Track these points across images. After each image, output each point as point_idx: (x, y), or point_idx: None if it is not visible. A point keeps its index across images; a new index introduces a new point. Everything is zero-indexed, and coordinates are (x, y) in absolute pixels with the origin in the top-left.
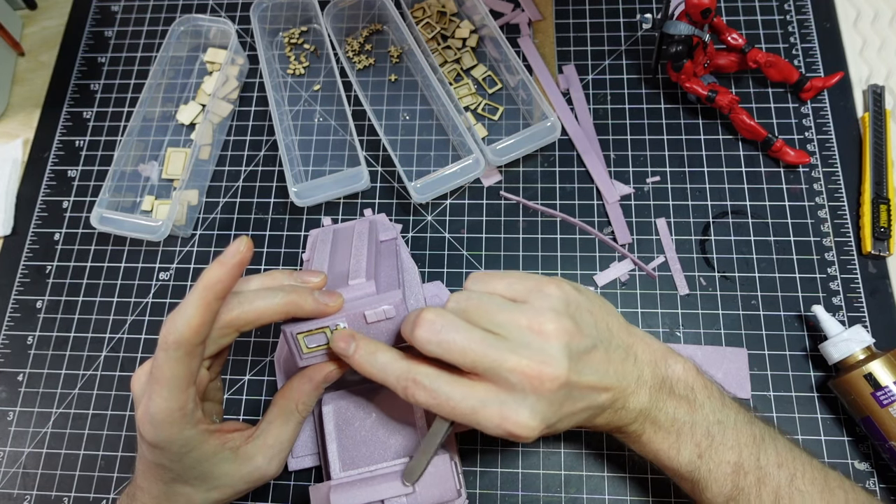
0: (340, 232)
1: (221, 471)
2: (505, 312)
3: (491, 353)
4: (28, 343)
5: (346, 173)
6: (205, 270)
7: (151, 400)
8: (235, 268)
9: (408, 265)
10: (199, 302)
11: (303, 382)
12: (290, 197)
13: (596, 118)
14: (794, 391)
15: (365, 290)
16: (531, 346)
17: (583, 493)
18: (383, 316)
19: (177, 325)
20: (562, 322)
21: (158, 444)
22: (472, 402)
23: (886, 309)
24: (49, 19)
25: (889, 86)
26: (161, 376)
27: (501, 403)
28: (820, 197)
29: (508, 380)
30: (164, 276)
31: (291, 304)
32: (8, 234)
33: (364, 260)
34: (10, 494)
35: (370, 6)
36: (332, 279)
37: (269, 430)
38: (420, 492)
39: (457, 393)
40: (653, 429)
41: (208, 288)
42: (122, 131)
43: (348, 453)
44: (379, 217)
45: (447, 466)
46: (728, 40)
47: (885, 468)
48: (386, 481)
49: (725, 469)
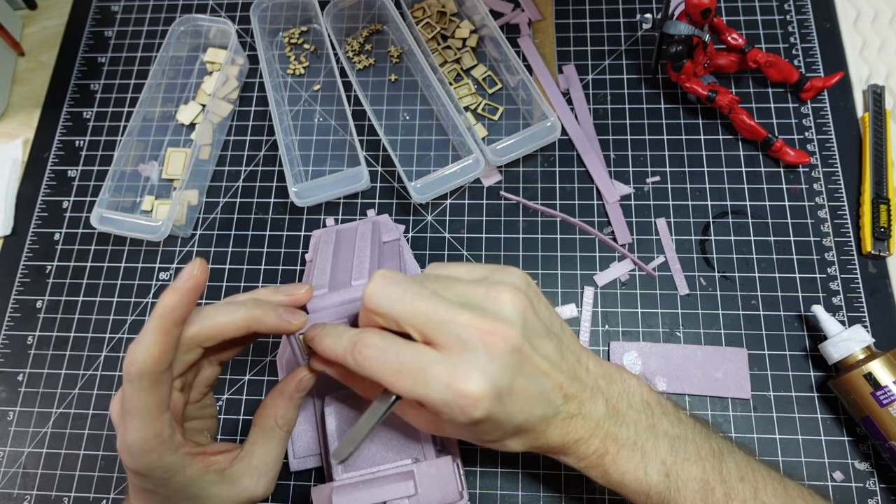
0: (343, 233)
1: (209, 493)
2: (461, 285)
3: (442, 308)
4: (28, 343)
5: (346, 173)
6: (160, 297)
7: (126, 431)
8: (190, 292)
9: (411, 266)
10: (156, 330)
11: (276, 397)
12: (290, 197)
13: (596, 118)
14: (794, 391)
15: None
16: (486, 308)
17: (583, 493)
18: None
19: (137, 356)
20: (519, 296)
21: (139, 472)
22: (422, 360)
23: (886, 309)
24: (49, 19)
25: (889, 86)
26: (131, 407)
27: (452, 365)
28: (820, 197)
29: (460, 336)
30: (164, 276)
31: (253, 319)
32: (8, 234)
33: (367, 261)
34: (10, 494)
35: (370, 6)
36: (335, 280)
37: (253, 450)
38: (422, 493)
39: (407, 351)
40: (616, 447)
41: (165, 315)
42: (122, 131)
43: (351, 455)
44: (382, 218)
45: (449, 468)
46: (728, 40)
47: (885, 468)
48: (388, 483)
49: (693, 486)
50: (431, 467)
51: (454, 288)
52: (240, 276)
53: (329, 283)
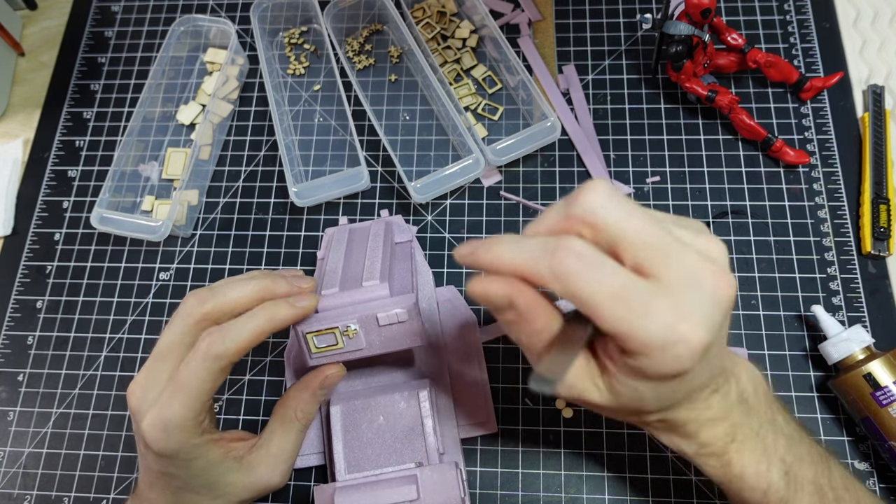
0: (356, 232)
1: (227, 480)
2: (676, 225)
3: (670, 239)
4: (28, 343)
5: (346, 173)
6: (274, 304)
7: (168, 405)
8: (300, 315)
9: (422, 268)
10: (255, 329)
11: (300, 390)
12: (291, 197)
13: (596, 118)
14: (794, 391)
15: (378, 293)
16: (710, 254)
17: (583, 493)
18: (395, 319)
19: (225, 341)
20: (725, 249)
21: (166, 453)
22: (641, 288)
23: (886, 309)
24: (49, 19)
25: (889, 86)
26: (186, 383)
27: (677, 303)
28: (820, 197)
29: (690, 272)
30: (164, 276)
31: (265, 290)
32: (8, 234)
33: (379, 261)
34: (10, 494)
35: (370, 6)
36: (346, 279)
37: (272, 439)
38: (424, 498)
39: (623, 273)
40: (742, 435)
41: (272, 320)
42: (122, 131)
43: (354, 455)
44: (395, 218)
45: (452, 474)
46: (728, 40)
47: (885, 468)
48: (391, 486)
49: (809, 489)
50: (434, 472)
51: (671, 224)
52: None
53: (340, 283)
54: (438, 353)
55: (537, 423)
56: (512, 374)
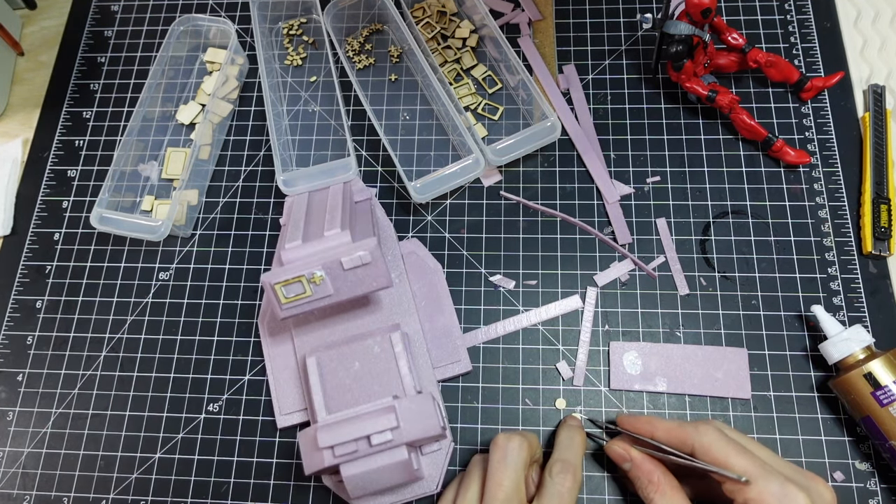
0: (316, 195)
1: None
2: None
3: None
4: (28, 343)
5: (332, 164)
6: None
7: None
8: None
9: (384, 223)
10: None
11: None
12: (279, 185)
13: (596, 118)
14: (794, 391)
15: (340, 240)
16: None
17: (583, 493)
18: (359, 262)
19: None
20: None
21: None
22: None
23: (886, 309)
24: (49, 19)
25: (890, 85)
26: None
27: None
28: (820, 197)
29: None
30: (164, 276)
31: None
32: (8, 234)
33: (339, 213)
34: (10, 494)
35: (370, 6)
36: (309, 233)
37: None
38: (404, 427)
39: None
40: None
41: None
42: (121, 131)
43: (333, 401)
44: (354, 181)
45: (430, 403)
46: (728, 40)
47: (885, 468)
48: (371, 418)
49: None
50: (412, 402)
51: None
52: (240, 276)
53: (302, 236)
54: (407, 302)
55: (537, 423)
56: (512, 374)
